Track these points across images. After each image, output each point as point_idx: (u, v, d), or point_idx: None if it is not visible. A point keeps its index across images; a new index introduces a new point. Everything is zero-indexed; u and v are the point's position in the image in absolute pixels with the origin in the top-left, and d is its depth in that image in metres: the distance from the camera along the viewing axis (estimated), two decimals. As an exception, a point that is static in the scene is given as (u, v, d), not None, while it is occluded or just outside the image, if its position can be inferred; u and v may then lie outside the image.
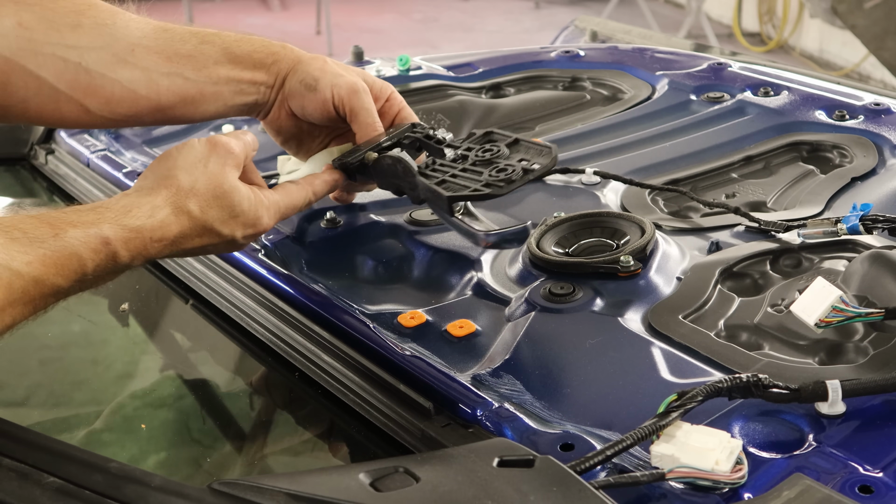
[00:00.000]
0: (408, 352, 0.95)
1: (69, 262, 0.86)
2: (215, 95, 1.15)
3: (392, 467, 0.71)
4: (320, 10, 7.59)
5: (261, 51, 1.16)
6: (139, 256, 0.93)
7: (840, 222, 1.10)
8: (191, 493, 0.69)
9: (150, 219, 0.94)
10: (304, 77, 1.16)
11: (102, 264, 0.90)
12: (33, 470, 0.71)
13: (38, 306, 0.85)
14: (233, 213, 0.99)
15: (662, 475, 0.75)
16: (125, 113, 1.12)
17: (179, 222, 0.96)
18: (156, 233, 0.94)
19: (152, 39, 1.11)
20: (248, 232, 1.02)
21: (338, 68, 1.17)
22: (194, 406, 1.13)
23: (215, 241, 1.00)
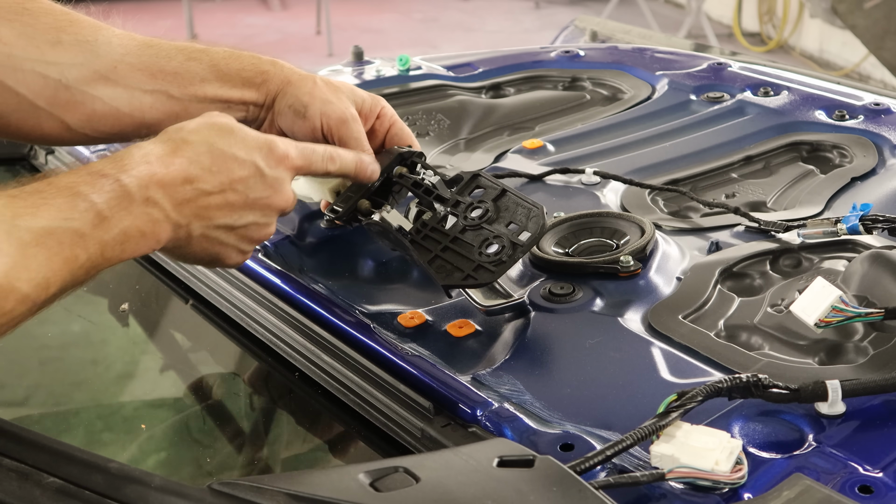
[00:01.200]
0: (408, 352, 0.95)
1: (73, 202, 0.82)
2: (202, 112, 1.09)
3: (392, 467, 0.71)
4: (320, 10, 7.59)
5: (250, 69, 1.13)
6: (153, 186, 0.87)
7: (840, 222, 1.10)
8: (191, 493, 0.69)
9: (137, 149, 0.89)
10: (294, 102, 1.12)
11: (113, 198, 0.84)
12: (33, 470, 0.71)
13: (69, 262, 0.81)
14: (240, 137, 0.94)
15: (662, 475, 0.75)
16: (108, 130, 1.10)
17: (178, 148, 0.90)
18: (151, 158, 0.88)
19: (136, 56, 1.10)
20: (272, 157, 0.95)
21: (327, 92, 1.13)
22: (194, 406, 1.13)
23: (237, 171, 0.93)
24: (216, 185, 0.91)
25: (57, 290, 0.81)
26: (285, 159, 0.97)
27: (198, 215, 0.91)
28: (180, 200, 0.89)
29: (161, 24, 7.98)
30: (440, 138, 1.58)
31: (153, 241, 0.88)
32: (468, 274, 1.02)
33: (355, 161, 1.07)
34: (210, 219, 0.92)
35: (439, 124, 1.61)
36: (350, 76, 1.75)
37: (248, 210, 0.94)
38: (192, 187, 0.90)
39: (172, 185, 0.89)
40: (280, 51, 7.24)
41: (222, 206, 0.92)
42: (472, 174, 1.13)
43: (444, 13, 8.43)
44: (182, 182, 0.89)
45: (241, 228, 0.95)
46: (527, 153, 1.45)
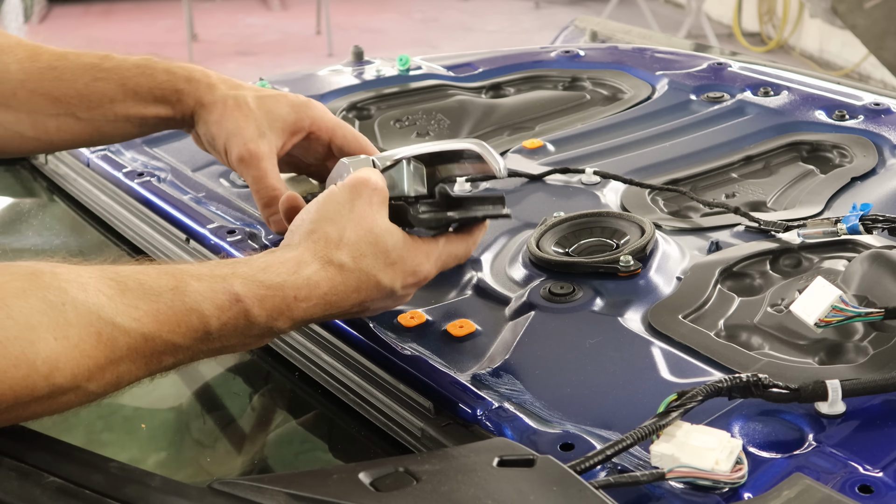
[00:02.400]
0: (408, 351, 0.95)
1: (187, 318, 0.78)
2: (116, 131, 1.09)
3: (392, 467, 0.71)
4: (320, 10, 7.59)
5: (163, 86, 1.08)
6: (282, 318, 0.84)
7: (840, 222, 1.10)
8: (191, 493, 0.69)
9: (294, 275, 0.85)
10: (204, 132, 1.08)
11: (231, 323, 0.81)
12: (33, 470, 0.71)
13: (151, 364, 0.78)
14: (389, 260, 0.90)
15: (662, 475, 0.75)
16: (15, 151, 1.08)
17: (329, 277, 0.87)
18: (301, 291, 0.85)
19: (37, 81, 1.05)
20: (409, 281, 0.93)
21: (235, 120, 1.06)
22: (194, 406, 1.13)
23: (374, 294, 0.90)
24: (348, 307, 0.90)
25: (126, 384, 0.78)
26: (423, 282, 0.96)
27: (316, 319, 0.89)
28: (303, 324, 0.88)
29: (161, 24, 7.99)
30: (440, 138, 1.58)
31: (251, 347, 0.88)
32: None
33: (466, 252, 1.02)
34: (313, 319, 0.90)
35: (439, 124, 1.61)
36: (350, 76, 1.75)
37: (362, 312, 0.93)
38: (324, 313, 0.88)
39: (307, 317, 0.87)
40: (280, 51, 7.26)
41: (342, 313, 0.92)
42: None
43: (444, 13, 8.43)
44: (319, 312, 0.87)
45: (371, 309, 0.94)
46: (527, 153, 1.45)
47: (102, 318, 0.73)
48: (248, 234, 1.19)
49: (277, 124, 1.08)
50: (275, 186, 1.08)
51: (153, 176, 1.38)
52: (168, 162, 1.44)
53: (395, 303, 0.95)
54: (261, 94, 1.09)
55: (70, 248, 1.45)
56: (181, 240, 1.24)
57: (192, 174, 1.39)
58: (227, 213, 1.26)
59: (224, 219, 1.25)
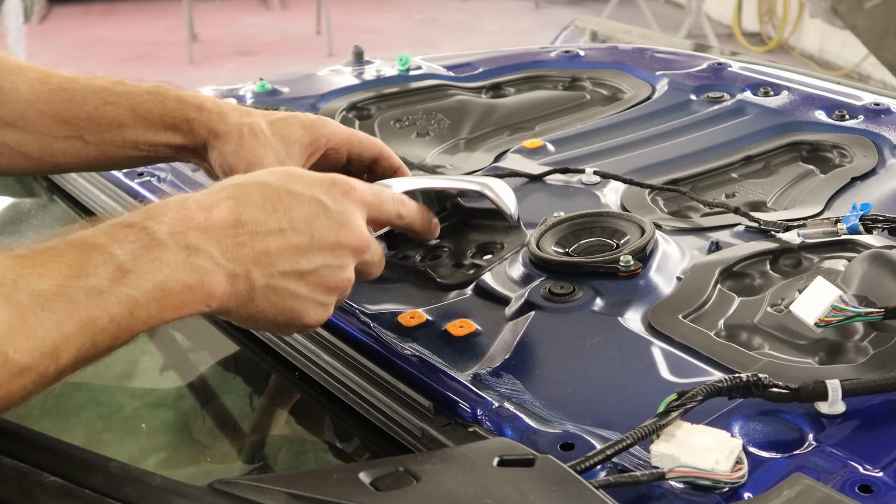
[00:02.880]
0: (408, 351, 0.95)
1: (88, 257, 0.72)
2: (123, 157, 1.08)
3: (392, 467, 0.71)
4: (320, 10, 7.59)
5: (174, 114, 1.06)
6: (192, 232, 0.76)
7: (840, 222, 1.10)
8: (191, 492, 0.69)
9: (177, 198, 0.79)
10: (221, 163, 1.06)
11: (139, 248, 0.74)
12: (33, 470, 0.71)
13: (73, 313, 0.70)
14: (296, 174, 0.85)
15: (662, 475, 0.75)
16: (18, 171, 1.07)
17: (223, 190, 0.81)
18: (190, 204, 0.78)
19: (46, 102, 1.05)
20: (334, 190, 0.86)
21: (255, 149, 1.04)
22: (194, 406, 1.13)
23: (296, 208, 0.83)
24: (273, 225, 0.81)
25: (73, 359, 0.71)
26: (351, 192, 0.87)
27: (257, 261, 0.80)
28: (231, 245, 0.79)
29: (161, 24, 7.99)
30: (440, 138, 1.58)
31: (203, 294, 0.77)
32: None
33: (421, 214, 0.98)
34: (272, 265, 0.81)
35: (439, 124, 1.61)
36: (350, 76, 1.75)
37: (315, 251, 0.84)
38: (244, 230, 0.80)
39: (218, 229, 0.78)
40: (280, 51, 7.26)
41: (285, 249, 0.82)
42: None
43: (444, 13, 8.43)
44: (231, 225, 0.79)
45: (311, 274, 0.84)
46: (527, 153, 1.45)
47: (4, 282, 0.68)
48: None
49: (294, 149, 1.07)
50: None
51: (153, 176, 1.38)
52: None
53: (343, 225, 0.85)
54: (272, 118, 1.08)
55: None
56: (181, 240, 1.24)
57: (192, 174, 1.39)
58: (227, 213, 1.26)
59: (224, 219, 1.24)
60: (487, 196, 1.01)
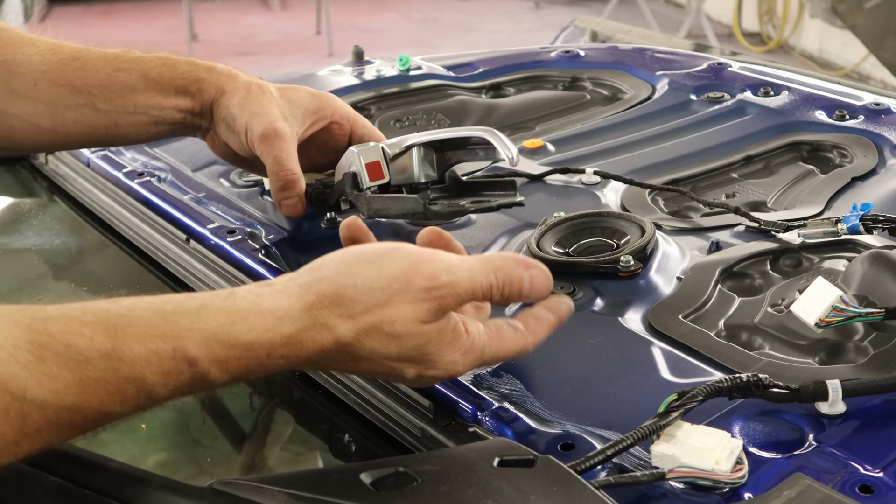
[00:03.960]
0: (408, 352, 0.95)
1: (124, 387, 0.66)
2: (133, 124, 1.08)
3: (392, 467, 0.71)
4: (320, 10, 7.59)
5: (185, 76, 1.07)
6: (252, 373, 0.72)
7: (840, 222, 1.10)
8: (191, 492, 0.69)
9: (269, 333, 0.71)
10: (225, 115, 1.07)
11: (184, 387, 0.69)
12: (33, 470, 0.71)
13: (83, 430, 0.68)
14: (409, 354, 0.76)
15: (663, 475, 0.75)
16: (30, 145, 1.08)
17: (317, 340, 0.73)
18: (277, 349, 0.71)
19: (58, 72, 1.05)
20: (429, 374, 0.79)
21: (259, 103, 1.05)
22: (194, 406, 1.13)
23: (378, 371, 0.78)
24: (342, 369, 0.80)
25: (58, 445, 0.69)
26: (450, 377, 0.81)
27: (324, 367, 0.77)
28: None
29: (161, 24, 7.99)
30: (441, 137, 1.58)
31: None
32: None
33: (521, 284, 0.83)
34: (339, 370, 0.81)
35: (439, 124, 1.61)
36: (350, 76, 1.75)
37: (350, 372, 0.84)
38: (293, 362, 0.73)
39: (277, 367, 0.73)
40: (280, 51, 7.26)
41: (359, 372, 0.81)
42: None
43: (444, 13, 8.43)
44: (287, 363, 0.73)
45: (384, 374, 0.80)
46: (527, 153, 1.45)
47: (10, 392, 0.63)
48: (248, 234, 1.19)
49: (299, 111, 1.08)
50: (293, 170, 1.07)
51: (153, 176, 1.38)
52: (168, 162, 1.44)
53: (405, 382, 0.83)
54: (281, 85, 1.10)
55: (70, 248, 1.45)
56: (181, 240, 1.24)
57: (192, 174, 1.39)
58: (227, 213, 1.26)
59: (224, 219, 1.25)
60: (487, 139, 1.02)
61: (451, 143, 1.07)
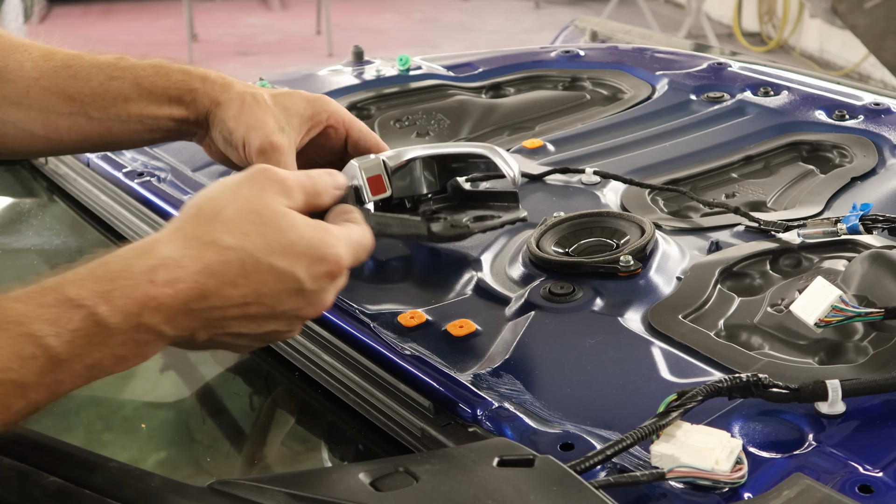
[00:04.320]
0: (408, 351, 0.95)
1: (17, 347, 0.67)
2: (127, 132, 1.08)
3: (392, 467, 0.71)
4: (320, 10, 7.59)
5: (178, 85, 1.06)
6: (148, 311, 0.71)
7: (840, 222, 1.10)
8: (191, 492, 0.69)
9: (143, 257, 0.73)
10: (222, 128, 1.06)
11: (80, 336, 0.69)
12: (33, 470, 0.71)
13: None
14: (284, 241, 0.78)
15: (662, 475, 0.75)
16: (24, 151, 1.07)
17: (197, 255, 0.74)
18: (157, 273, 0.72)
19: (51, 79, 1.05)
20: (318, 270, 0.80)
21: (254, 115, 1.04)
22: (194, 406, 1.13)
23: (273, 285, 0.78)
24: (238, 298, 0.77)
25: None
26: (337, 274, 0.82)
27: (207, 326, 0.77)
28: (184, 320, 0.74)
29: (161, 24, 7.99)
30: (440, 138, 1.58)
31: (136, 361, 0.74)
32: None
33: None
34: (222, 328, 0.78)
35: (439, 124, 1.61)
36: (350, 76, 1.75)
37: (271, 321, 0.80)
38: (205, 304, 0.75)
39: (177, 307, 0.73)
40: (280, 51, 7.26)
41: (239, 318, 0.78)
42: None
43: (444, 13, 8.43)
44: (193, 299, 0.74)
45: (257, 335, 0.81)
46: (527, 153, 1.45)
47: None
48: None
49: (295, 119, 1.07)
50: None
51: (153, 176, 1.38)
52: (168, 162, 1.44)
53: (311, 304, 0.81)
54: (275, 91, 1.09)
55: (70, 248, 1.45)
56: (181, 240, 1.24)
57: (192, 174, 1.39)
58: (227, 213, 1.26)
59: (224, 219, 1.25)
60: (490, 158, 1.01)
61: (452, 158, 1.06)
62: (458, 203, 1.06)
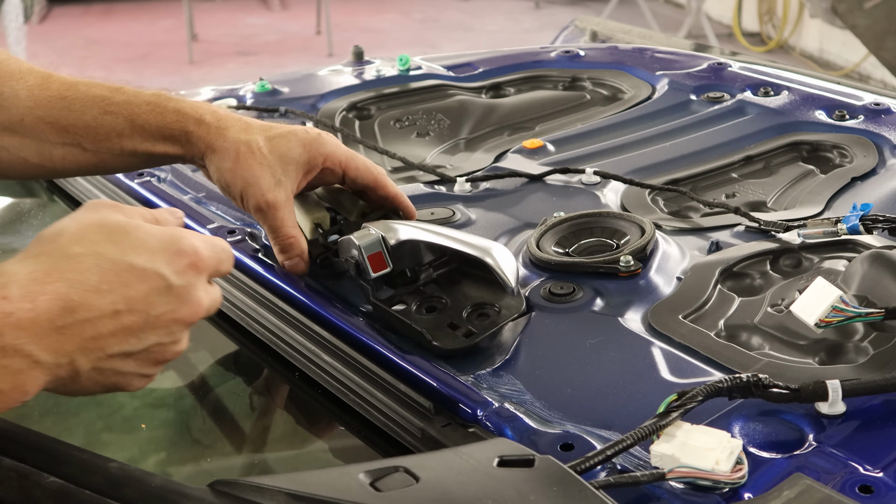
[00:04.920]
0: (408, 352, 0.95)
1: None
2: (122, 164, 1.08)
3: (392, 467, 0.71)
4: (320, 10, 7.59)
5: (172, 126, 1.06)
6: (9, 331, 0.68)
7: (840, 222, 1.10)
8: (191, 493, 0.69)
9: (13, 277, 0.70)
10: (219, 178, 1.06)
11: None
12: (33, 470, 0.71)
13: None
14: (134, 238, 0.76)
15: (662, 475, 0.75)
16: (18, 175, 1.07)
17: (53, 266, 0.72)
18: (11, 289, 0.70)
19: (45, 109, 1.05)
20: (180, 263, 0.78)
21: (250, 168, 1.04)
22: (194, 406, 1.13)
23: (139, 287, 0.75)
24: (107, 307, 0.73)
25: None
26: (197, 262, 0.79)
27: (83, 348, 0.73)
28: (55, 338, 0.71)
29: (161, 24, 7.99)
30: (440, 138, 1.58)
31: (17, 394, 0.70)
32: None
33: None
34: (101, 349, 0.74)
35: (439, 124, 1.61)
36: (350, 76, 1.75)
37: (149, 331, 0.76)
38: (73, 318, 0.71)
39: (42, 322, 0.70)
40: (280, 51, 7.26)
41: (116, 332, 0.74)
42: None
43: (444, 13, 8.43)
44: (58, 314, 0.71)
45: (140, 353, 0.77)
46: (527, 153, 1.45)
47: None
48: (248, 234, 1.19)
49: (291, 167, 1.06)
50: (291, 234, 1.07)
51: (153, 176, 1.38)
52: (168, 162, 1.44)
53: (183, 302, 0.78)
54: (271, 134, 1.07)
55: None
56: (181, 240, 1.24)
57: (192, 174, 1.39)
58: (227, 213, 1.26)
59: (224, 219, 1.25)
60: (488, 265, 1.00)
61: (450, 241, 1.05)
62: (458, 268, 1.05)
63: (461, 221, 1.23)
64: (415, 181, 1.38)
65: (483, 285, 1.02)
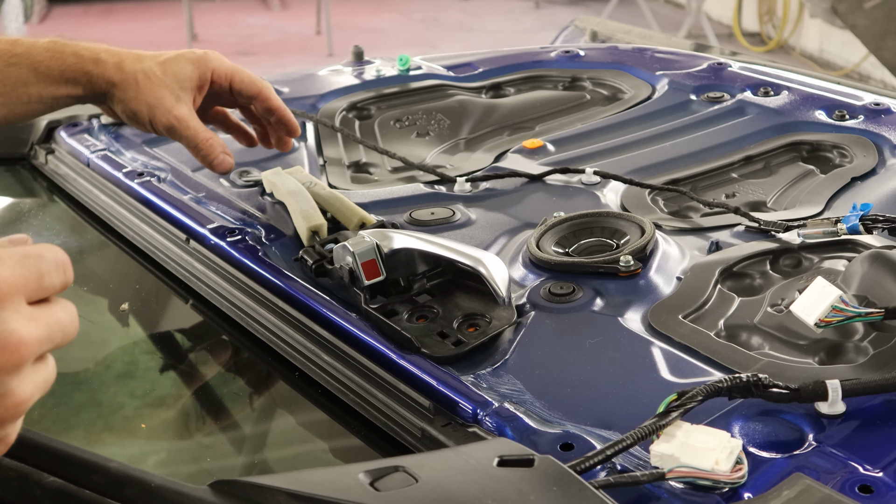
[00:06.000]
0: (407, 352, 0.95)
1: None
2: (30, 111, 1.16)
3: (392, 467, 0.71)
4: (320, 10, 7.59)
5: (73, 68, 1.15)
6: None
7: (840, 222, 1.10)
8: (191, 492, 0.69)
9: None
10: (124, 109, 1.16)
11: None
12: (33, 470, 0.71)
13: None
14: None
15: (662, 475, 0.75)
16: None
17: None
18: None
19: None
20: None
21: (151, 91, 1.14)
22: (194, 406, 1.13)
23: None
24: None
25: None
26: (22, 362, 0.58)
27: None
28: None
29: (161, 24, 7.99)
30: (440, 138, 1.58)
31: None
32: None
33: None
34: None
35: (439, 124, 1.61)
36: (350, 76, 1.75)
37: None
38: None
39: None
40: (280, 51, 7.26)
41: None
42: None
43: (444, 13, 8.43)
44: None
45: None
46: (527, 153, 1.45)
47: None
48: (248, 234, 1.19)
49: (186, 84, 1.17)
50: (207, 136, 1.18)
51: (153, 176, 1.38)
52: (168, 162, 1.44)
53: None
54: (162, 59, 1.17)
55: (70, 248, 1.45)
56: (181, 240, 1.24)
57: (192, 174, 1.39)
58: (227, 213, 1.26)
59: (224, 219, 1.25)
60: (480, 274, 1.00)
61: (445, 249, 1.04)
62: (452, 278, 1.06)
63: (461, 221, 1.23)
64: (415, 181, 1.38)
65: (475, 296, 1.02)
